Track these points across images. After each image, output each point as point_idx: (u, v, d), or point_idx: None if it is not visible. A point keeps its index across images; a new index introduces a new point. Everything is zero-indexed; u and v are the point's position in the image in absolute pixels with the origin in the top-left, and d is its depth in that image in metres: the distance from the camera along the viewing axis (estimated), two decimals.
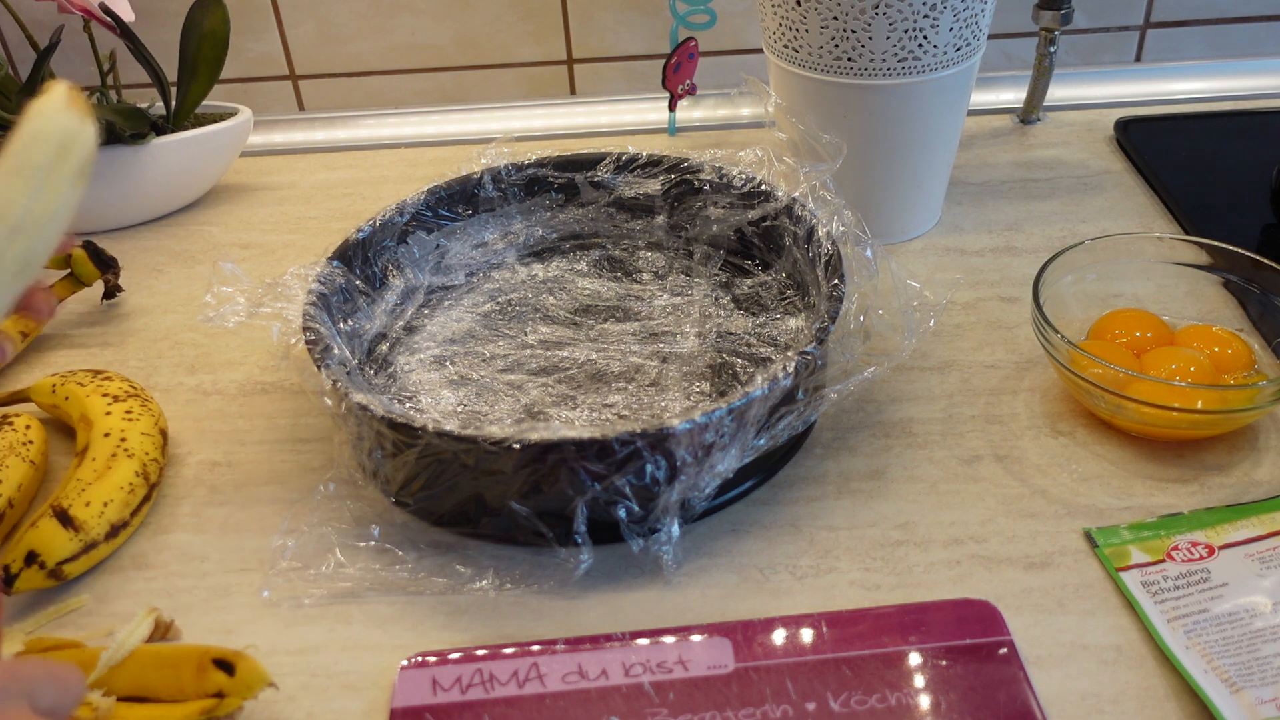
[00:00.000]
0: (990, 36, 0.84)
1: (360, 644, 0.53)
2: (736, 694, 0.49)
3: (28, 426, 0.64)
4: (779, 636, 0.51)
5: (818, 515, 0.59)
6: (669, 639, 0.52)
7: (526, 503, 0.55)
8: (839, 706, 0.48)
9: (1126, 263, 0.69)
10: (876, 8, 0.69)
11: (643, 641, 0.51)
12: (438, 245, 0.75)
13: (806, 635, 0.51)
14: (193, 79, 0.89)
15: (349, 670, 0.52)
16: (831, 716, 0.47)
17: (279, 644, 0.54)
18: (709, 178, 0.75)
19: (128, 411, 0.63)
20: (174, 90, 0.89)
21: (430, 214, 0.74)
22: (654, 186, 0.76)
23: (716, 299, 0.73)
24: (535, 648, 0.51)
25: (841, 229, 0.66)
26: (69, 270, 0.76)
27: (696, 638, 0.52)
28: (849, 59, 0.72)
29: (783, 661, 0.50)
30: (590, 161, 0.77)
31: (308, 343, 0.60)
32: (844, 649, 0.50)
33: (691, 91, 0.95)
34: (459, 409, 0.64)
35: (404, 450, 0.55)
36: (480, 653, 0.51)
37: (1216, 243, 0.67)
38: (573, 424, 0.63)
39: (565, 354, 0.68)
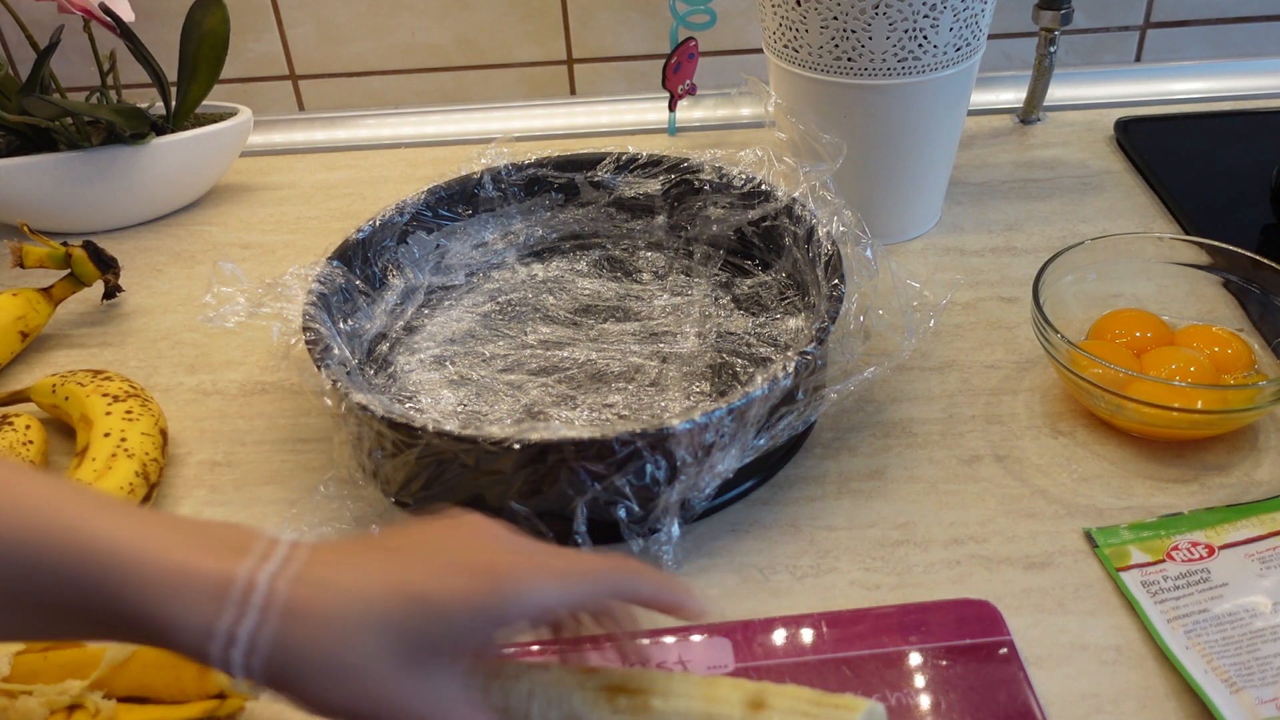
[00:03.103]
0: (990, 36, 0.84)
1: None
2: None
3: (28, 426, 0.64)
4: (779, 636, 0.51)
5: (818, 515, 0.59)
6: (669, 639, 0.52)
7: (526, 503, 0.55)
8: None
9: (1126, 263, 0.69)
10: (876, 8, 0.69)
11: (643, 641, 0.51)
12: (438, 245, 0.75)
13: (807, 635, 0.51)
14: (193, 79, 0.89)
15: None
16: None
17: None
18: (709, 178, 0.75)
19: (128, 411, 0.63)
20: (174, 90, 0.89)
21: (430, 214, 0.74)
22: (654, 186, 0.76)
23: (716, 299, 0.73)
24: (534, 648, 0.51)
25: (841, 229, 0.66)
26: (69, 270, 0.76)
27: (696, 637, 0.52)
28: (849, 59, 0.72)
29: (782, 661, 0.50)
30: (590, 161, 0.77)
31: (308, 343, 0.60)
32: (844, 649, 0.50)
33: (691, 91, 0.95)
34: (459, 409, 0.64)
35: (404, 450, 0.55)
36: None
37: (1216, 243, 0.67)
38: (573, 424, 0.63)
39: (565, 354, 0.68)
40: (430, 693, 0.40)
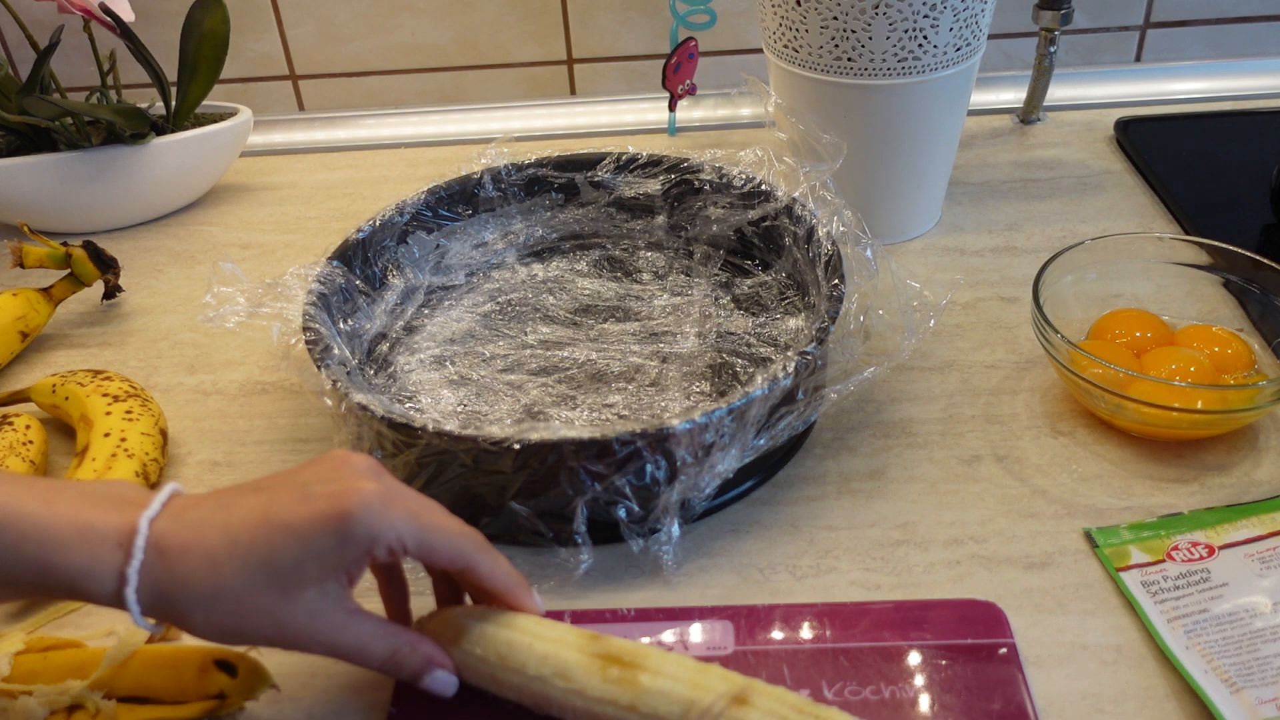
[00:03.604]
0: (990, 36, 0.84)
1: None
2: None
3: (28, 426, 0.64)
4: (781, 623, 0.52)
5: (818, 515, 0.59)
6: (673, 621, 0.52)
7: (526, 503, 0.55)
8: (832, 695, 0.48)
9: (1126, 263, 0.69)
10: (876, 8, 0.69)
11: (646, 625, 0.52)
12: (438, 245, 0.75)
13: (808, 625, 0.51)
14: (193, 79, 0.89)
15: (349, 670, 0.52)
16: (824, 704, 0.47)
17: None
18: (709, 178, 0.75)
19: (128, 411, 0.63)
20: (174, 90, 0.89)
21: (430, 214, 0.74)
22: (654, 186, 0.76)
23: (716, 299, 0.73)
24: None
25: (841, 229, 0.66)
26: (69, 270, 0.76)
27: (699, 620, 0.52)
28: (849, 59, 0.72)
29: (781, 647, 0.50)
30: (590, 161, 0.77)
31: (308, 343, 0.60)
32: (844, 640, 0.51)
33: (691, 91, 0.95)
34: (459, 409, 0.64)
35: (404, 450, 0.55)
36: None
37: (1216, 243, 0.67)
38: (573, 424, 0.63)
39: (565, 354, 0.68)
40: (304, 611, 0.44)
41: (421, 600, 0.51)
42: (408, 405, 0.65)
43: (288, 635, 0.44)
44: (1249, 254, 0.66)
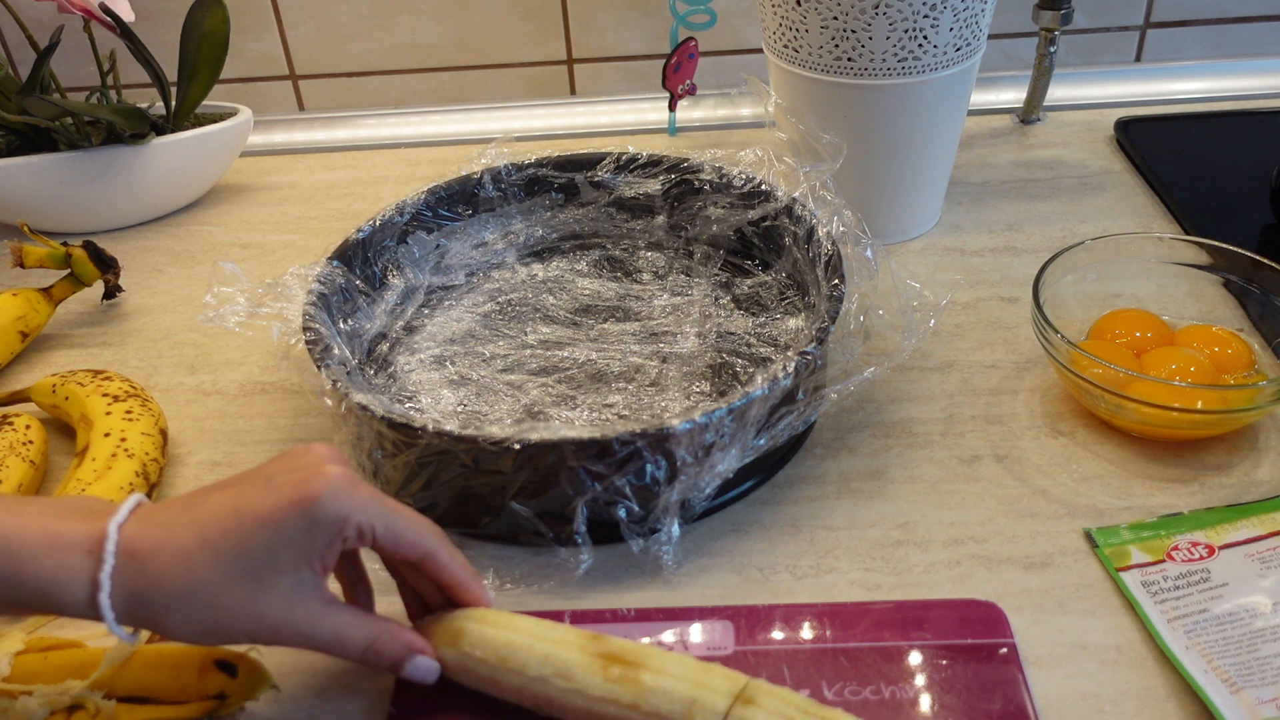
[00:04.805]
0: (990, 36, 0.84)
1: None
2: None
3: (28, 426, 0.64)
4: (781, 623, 0.52)
5: (818, 515, 0.59)
6: (673, 621, 0.52)
7: (526, 503, 0.55)
8: (832, 695, 0.48)
9: (1126, 263, 0.69)
10: (876, 8, 0.69)
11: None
12: (438, 245, 0.75)
13: (809, 625, 0.52)
14: (193, 79, 0.89)
15: (349, 670, 0.52)
16: (824, 704, 0.47)
17: None
18: (709, 178, 0.75)
19: (128, 411, 0.63)
20: (174, 90, 0.89)
21: (430, 214, 0.74)
22: (654, 186, 0.76)
23: (716, 299, 0.73)
24: None
25: (841, 229, 0.66)
26: (69, 270, 0.76)
27: (699, 619, 0.52)
28: (849, 59, 0.72)
29: (781, 647, 0.50)
30: (590, 161, 0.77)
31: (308, 343, 0.60)
32: (844, 640, 0.51)
33: (691, 91, 0.95)
34: (459, 409, 0.64)
35: (404, 450, 0.55)
36: None
37: (1216, 243, 0.67)
38: (573, 424, 0.63)
39: (565, 354, 0.68)
40: (281, 602, 0.44)
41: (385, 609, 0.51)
42: (408, 405, 0.65)
43: (266, 628, 0.44)
44: (1249, 254, 0.66)
